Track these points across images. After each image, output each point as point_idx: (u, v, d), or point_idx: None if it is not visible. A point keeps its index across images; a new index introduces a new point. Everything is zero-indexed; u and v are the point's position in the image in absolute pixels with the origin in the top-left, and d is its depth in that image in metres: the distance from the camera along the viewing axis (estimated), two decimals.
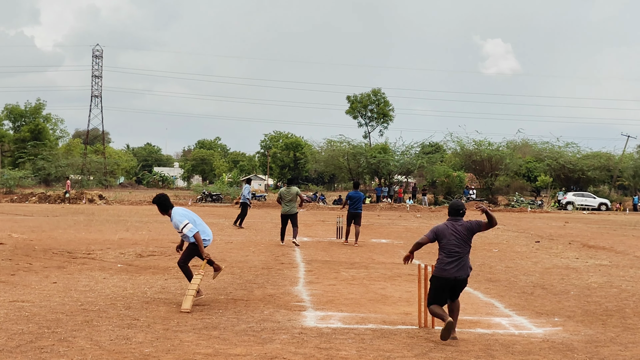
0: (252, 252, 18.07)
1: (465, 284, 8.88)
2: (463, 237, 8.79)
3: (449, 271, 8.67)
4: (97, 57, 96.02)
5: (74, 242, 19.63)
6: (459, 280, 8.73)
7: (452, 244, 8.73)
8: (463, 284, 8.85)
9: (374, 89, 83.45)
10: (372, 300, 11.36)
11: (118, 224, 28.16)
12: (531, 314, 10.45)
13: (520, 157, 70.37)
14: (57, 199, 50.66)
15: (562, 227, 33.63)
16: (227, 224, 29.14)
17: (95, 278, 12.88)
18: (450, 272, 8.67)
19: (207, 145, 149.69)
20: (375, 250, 19.63)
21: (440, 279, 8.73)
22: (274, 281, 13.16)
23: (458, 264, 8.70)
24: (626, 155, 77.38)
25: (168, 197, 11.04)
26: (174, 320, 9.20)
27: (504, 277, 14.65)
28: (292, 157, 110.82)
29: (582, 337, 8.89)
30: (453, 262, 8.69)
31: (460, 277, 8.71)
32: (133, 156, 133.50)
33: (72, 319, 9.11)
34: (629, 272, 15.75)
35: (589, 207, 60.42)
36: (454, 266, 8.68)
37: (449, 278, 8.68)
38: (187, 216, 10.64)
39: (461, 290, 8.94)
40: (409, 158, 66.65)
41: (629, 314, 10.64)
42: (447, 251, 8.74)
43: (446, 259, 8.72)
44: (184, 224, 10.45)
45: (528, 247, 21.85)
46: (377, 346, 8.02)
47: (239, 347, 7.77)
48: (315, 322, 9.37)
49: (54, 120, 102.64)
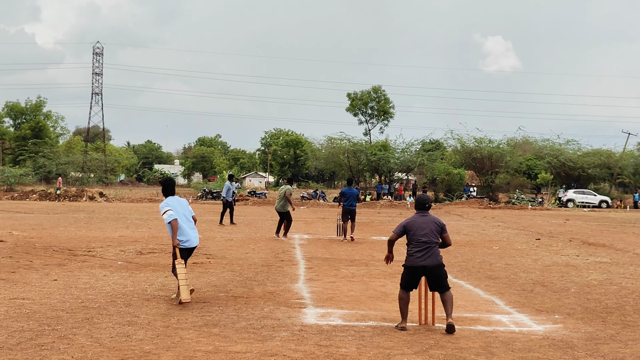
0: (252, 250, 18.08)
1: (439, 271, 9.06)
2: (430, 229, 9.12)
3: (417, 260, 9.01)
4: (97, 54, 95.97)
5: (74, 239, 19.64)
6: (428, 268, 8.99)
7: (420, 234, 9.07)
8: (436, 272, 9.04)
9: (374, 86, 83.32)
10: (372, 297, 11.37)
11: (118, 221, 28.18)
12: (531, 312, 10.45)
13: (520, 155, 70.34)
14: (51, 197, 50.66)
15: (562, 224, 33.62)
16: (227, 221, 29.15)
17: (95, 275, 12.88)
18: (417, 261, 9.01)
19: (208, 142, 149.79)
20: (376, 248, 19.64)
21: (410, 268, 9.11)
22: (274, 278, 13.16)
23: (425, 253, 9.00)
24: (627, 152, 77.34)
25: (174, 184, 11.19)
26: (174, 318, 9.21)
27: (504, 274, 14.65)
28: (292, 154, 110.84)
29: (582, 334, 8.89)
30: (421, 252, 9.02)
31: (428, 265, 8.98)
32: (134, 153, 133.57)
33: (72, 317, 9.12)
34: (629, 269, 15.75)
35: (590, 205, 60.40)
36: (421, 255, 9.00)
37: (417, 267, 9.03)
38: (174, 206, 10.69)
39: (440, 279, 9.07)
40: (409, 155, 66.63)
41: (629, 311, 10.64)
42: (415, 241, 9.08)
43: (414, 249, 9.08)
44: (165, 209, 10.62)
45: (528, 244, 21.85)
46: (377, 343, 8.03)
47: (239, 345, 7.78)
48: (315, 320, 9.37)
49: (54, 117, 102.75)
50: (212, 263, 15.13)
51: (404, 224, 9.28)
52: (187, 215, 10.91)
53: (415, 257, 9.01)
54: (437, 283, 9.05)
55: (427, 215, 9.31)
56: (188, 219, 10.91)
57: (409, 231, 9.15)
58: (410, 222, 9.24)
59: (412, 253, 9.07)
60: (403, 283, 9.17)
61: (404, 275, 9.20)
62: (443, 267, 9.13)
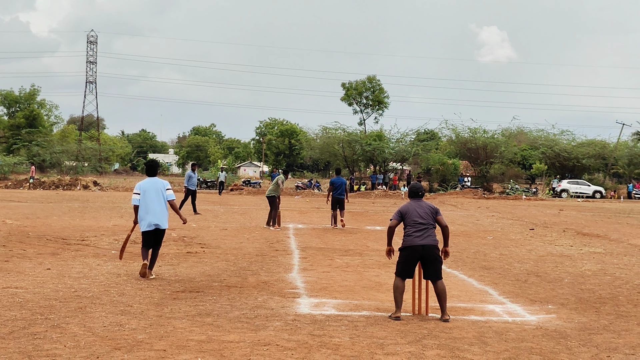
0: (246, 239, 18.07)
1: (434, 254, 9.15)
2: (426, 212, 9.29)
3: (415, 240, 9.13)
4: (91, 43, 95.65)
5: (68, 228, 19.60)
6: (427, 247, 9.10)
7: (416, 216, 9.24)
8: (432, 253, 9.13)
9: (369, 76, 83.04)
10: (366, 287, 11.37)
11: (112, 210, 28.12)
12: (525, 302, 10.46)
13: (515, 145, 70.31)
14: (51, 186, 50.56)
15: (556, 214, 33.68)
16: (222, 211, 29.16)
17: (89, 265, 12.85)
18: (416, 240, 9.13)
19: (202, 131, 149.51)
20: (370, 238, 19.64)
21: (408, 248, 9.18)
22: (268, 268, 13.15)
23: (423, 233, 9.15)
24: (621, 143, 77.52)
25: (157, 165, 11.99)
26: (167, 307, 9.20)
27: (498, 264, 14.66)
28: (287, 144, 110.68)
29: (575, 324, 8.90)
30: (418, 232, 9.15)
31: (427, 244, 9.10)
32: (128, 142, 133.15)
33: (65, 306, 9.10)
34: (623, 259, 15.78)
35: (584, 195, 60.50)
36: (419, 235, 9.14)
37: (416, 246, 9.11)
38: (144, 189, 11.52)
39: (436, 262, 9.14)
40: (404, 145, 66.57)
41: (622, 301, 10.66)
42: (412, 223, 9.23)
43: (411, 229, 9.21)
44: (134, 191, 11.59)
45: (522, 234, 21.88)
46: (370, 333, 8.03)
47: (232, 334, 7.77)
48: (309, 309, 9.37)
49: (48, 106, 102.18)
50: (206, 252, 15.11)
51: (399, 209, 9.42)
52: (158, 199, 11.50)
53: (414, 237, 9.12)
54: (433, 267, 9.11)
55: (421, 202, 9.45)
56: (158, 202, 11.48)
57: (405, 215, 9.28)
58: (405, 207, 9.38)
59: (410, 233, 9.18)
60: (399, 270, 9.21)
61: (400, 261, 9.24)
62: (439, 250, 9.23)
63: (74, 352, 6.88)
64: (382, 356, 7.05)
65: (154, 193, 11.55)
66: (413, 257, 9.15)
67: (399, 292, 9.07)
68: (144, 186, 11.61)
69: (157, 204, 11.52)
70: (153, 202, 11.51)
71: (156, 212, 11.51)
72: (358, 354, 7.11)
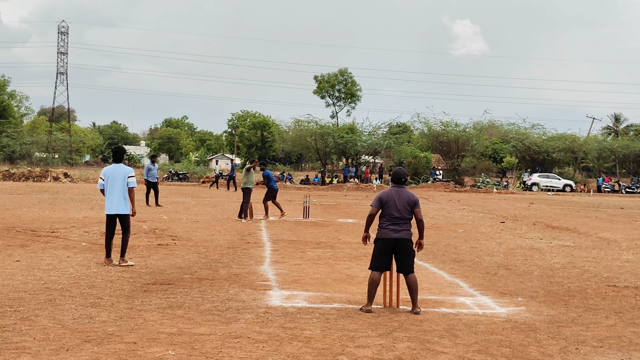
0: (217, 232, 18.03)
1: (407, 246, 9.19)
2: (404, 205, 9.22)
3: (390, 233, 9.15)
4: (62, 33, 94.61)
5: (38, 220, 19.44)
6: (400, 240, 9.13)
7: (393, 209, 9.19)
8: (405, 246, 9.17)
9: (341, 69, 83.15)
10: (338, 280, 11.39)
11: (83, 202, 27.92)
12: (495, 294, 10.54)
13: (486, 139, 70.76)
14: (21, 177, 50.07)
15: (526, 208, 33.93)
16: (194, 203, 29.07)
17: (59, 257, 12.76)
18: (391, 233, 9.15)
19: (174, 123, 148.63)
20: (342, 230, 19.68)
21: (382, 240, 9.20)
22: (239, 260, 13.13)
23: (398, 226, 9.15)
24: (591, 137, 78.22)
25: (122, 152, 12.29)
26: (138, 300, 9.15)
27: (469, 257, 14.75)
28: (259, 136, 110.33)
29: (544, 317, 8.98)
30: (393, 225, 9.15)
31: (401, 238, 9.13)
32: (99, 134, 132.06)
33: (34, 298, 9.03)
34: (592, 253, 15.94)
35: (554, 189, 61.00)
36: (394, 228, 9.14)
37: (389, 239, 9.14)
38: (107, 175, 11.93)
39: (408, 256, 9.18)
40: (377, 138, 66.76)
41: (590, 294, 10.77)
42: (388, 215, 9.20)
43: (386, 222, 9.20)
44: (100, 176, 12.03)
45: (493, 227, 22.03)
46: (341, 326, 8.05)
47: (203, 327, 7.75)
48: (280, 302, 9.37)
49: (18, 97, 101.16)
50: (177, 245, 15.06)
51: (379, 196, 9.34)
52: (118, 185, 11.88)
53: (389, 230, 9.12)
54: (406, 261, 9.14)
55: (402, 190, 9.34)
56: (119, 188, 11.88)
57: (384, 204, 9.23)
58: (385, 195, 9.28)
59: (386, 226, 9.17)
60: (374, 264, 9.22)
61: (375, 254, 9.25)
62: (412, 244, 9.25)
63: (44, 344, 6.83)
64: (353, 349, 7.07)
65: (117, 179, 11.93)
66: (386, 249, 9.17)
67: (374, 286, 9.07)
68: (107, 172, 12.03)
69: (117, 190, 11.89)
70: (114, 188, 11.91)
71: (114, 198, 11.93)
72: (329, 346, 7.13)
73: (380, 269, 9.19)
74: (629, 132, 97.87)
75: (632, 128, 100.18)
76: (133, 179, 12.03)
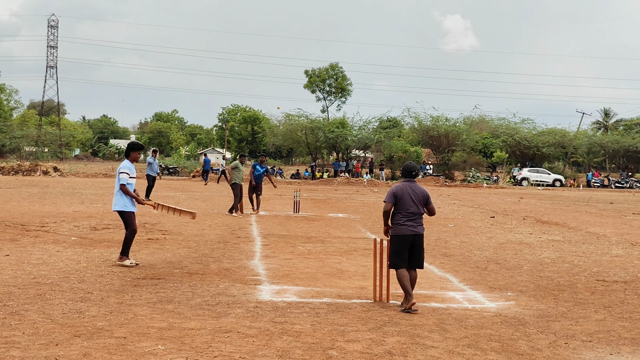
0: (208, 226, 18.01)
1: (422, 242, 9.19)
2: (418, 199, 9.19)
3: (407, 228, 9.07)
4: (52, 27, 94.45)
5: (27, 214, 19.38)
6: (417, 235, 9.11)
7: (408, 204, 9.13)
8: (421, 241, 9.19)
9: (331, 63, 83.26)
10: (328, 274, 11.39)
11: (73, 196, 27.85)
12: (485, 289, 10.56)
13: (476, 133, 70.94)
14: (10, 171, 49.88)
15: (516, 202, 34.01)
16: (184, 197, 29.03)
17: (48, 251, 12.72)
18: (410, 229, 9.07)
19: (165, 117, 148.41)
20: (332, 225, 19.69)
21: (399, 237, 9.10)
22: (230, 255, 13.13)
23: (414, 221, 9.12)
24: (581, 132, 78.58)
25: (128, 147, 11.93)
26: (128, 294, 9.14)
27: (459, 252, 14.78)
28: (250, 130, 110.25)
29: (534, 311, 9.01)
30: (409, 220, 9.10)
31: (417, 232, 9.11)
32: (89, 128, 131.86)
33: (24, 292, 9.00)
34: (581, 247, 15.99)
35: (544, 183, 61.19)
36: (410, 224, 9.09)
37: (407, 235, 9.07)
38: (130, 170, 11.64)
39: (422, 251, 9.20)
40: (367, 133, 66.83)
41: (580, 289, 10.80)
42: (404, 210, 9.13)
43: (403, 218, 9.11)
44: (123, 170, 11.57)
45: (483, 222, 22.07)
46: (331, 320, 8.05)
47: (193, 321, 7.75)
48: (270, 296, 9.37)
49: (8, 90, 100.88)
50: (167, 239, 15.04)
51: (394, 191, 9.23)
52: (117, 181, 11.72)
53: (408, 226, 9.06)
54: (420, 256, 9.18)
55: (414, 185, 9.29)
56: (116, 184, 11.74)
57: (398, 200, 9.14)
58: (400, 190, 9.20)
59: (403, 222, 9.09)
60: (395, 262, 9.09)
61: (394, 250, 9.12)
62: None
63: (33, 339, 6.81)
64: (343, 343, 7.08)
65: (117, 175, 11.75)
66: (405, 245, 9.08)
67: (406, 279, 8.93)
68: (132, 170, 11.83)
69: (115, 187, 11.75)
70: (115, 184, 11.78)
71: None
72: (319, 340, 7.13)
73: (404, 265, 9.07)
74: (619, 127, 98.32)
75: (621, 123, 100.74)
76: (123, 174, 11.58)
